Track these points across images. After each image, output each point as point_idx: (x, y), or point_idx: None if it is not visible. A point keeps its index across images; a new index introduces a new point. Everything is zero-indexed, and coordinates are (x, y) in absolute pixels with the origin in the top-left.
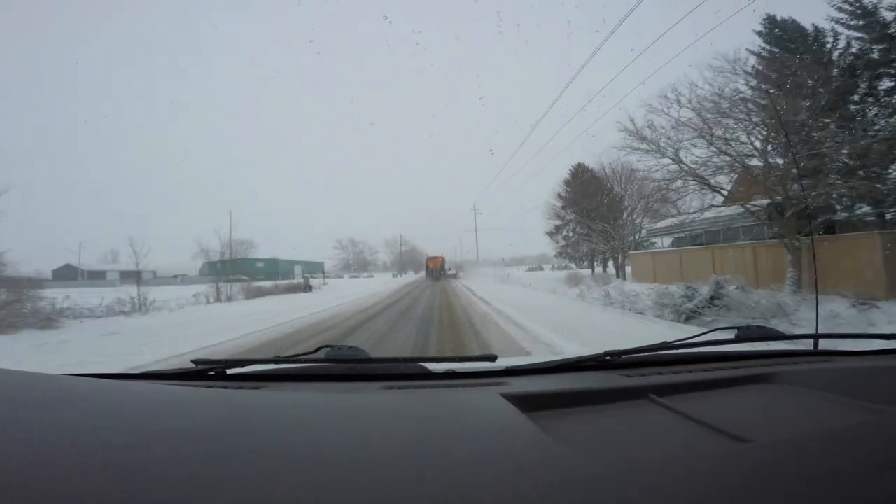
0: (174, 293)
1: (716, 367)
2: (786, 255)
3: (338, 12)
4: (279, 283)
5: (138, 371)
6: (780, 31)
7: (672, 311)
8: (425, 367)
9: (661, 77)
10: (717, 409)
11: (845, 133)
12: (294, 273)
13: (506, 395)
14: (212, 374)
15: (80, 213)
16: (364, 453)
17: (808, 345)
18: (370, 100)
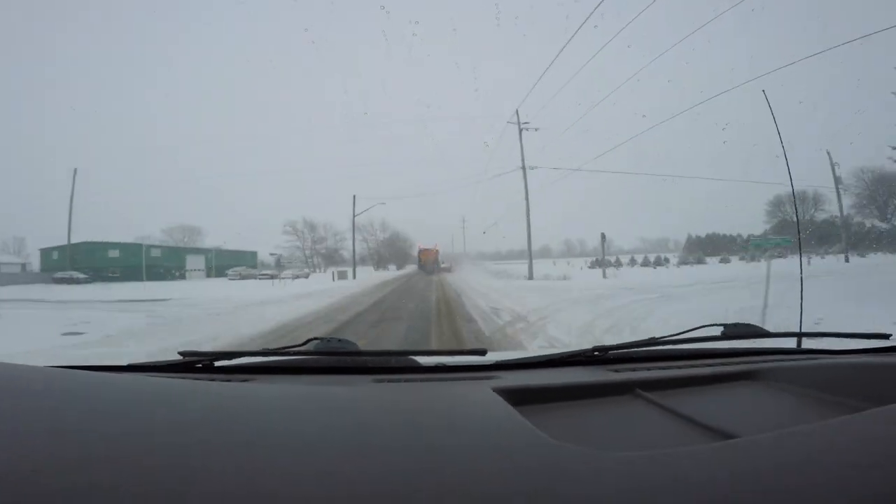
0: None
1: (702, 364)
2: None
3: (335, 1)
4: None
5: (125, 363)
6: None
7: None
8: (415, 361)
9: (655, 71)
10: (702, 405)
11: None
12: (186, 266)
13: (496, 389)
14: (199, 366)
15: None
16: (354, 446)
17: (793, 342)
18: (364, 90)
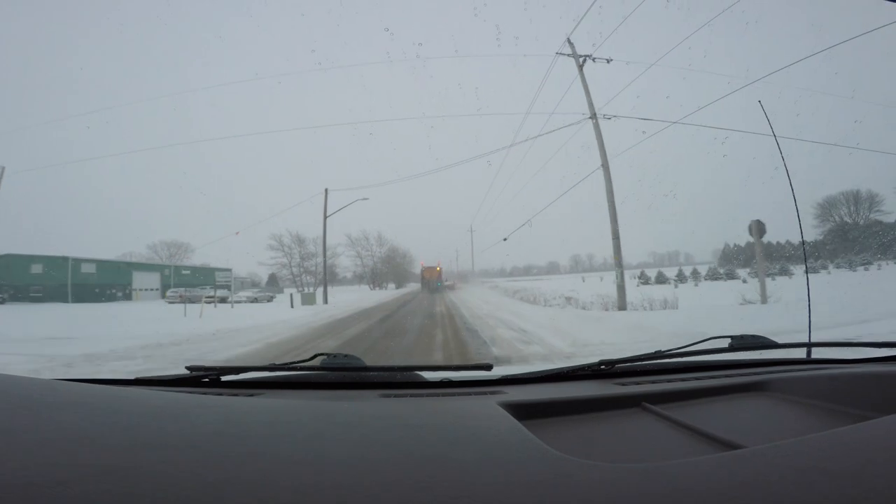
0: None
1: (709, 376)
2: None
3: (341, 25)
4: None
5: (132, 377)
6: None
7: None
8: (421, 376)
9: (652, 87)
10: (710, 417)
11: None
12: (132, 284)
13: (502, 404)
14: (206, 380)
15: None
16: (361, 462)
17: (802, 353)
18: (370, 110)
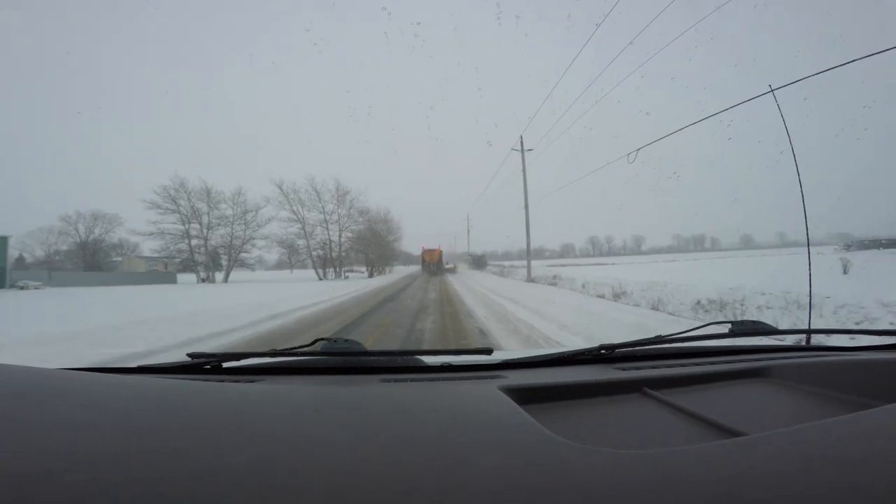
0: None
1: (709, 362)
2: None
3: (336, 3)
4: None
5: (134, 365)
6: None
7: None
8: (421, 361)
9: (658, 69)
10: (710, 403)
11: None
12: None
13: (502, 388)
14: (207, 367)
15: None
16: (362, 445)
17: (801, 339)
18: (367, 91)
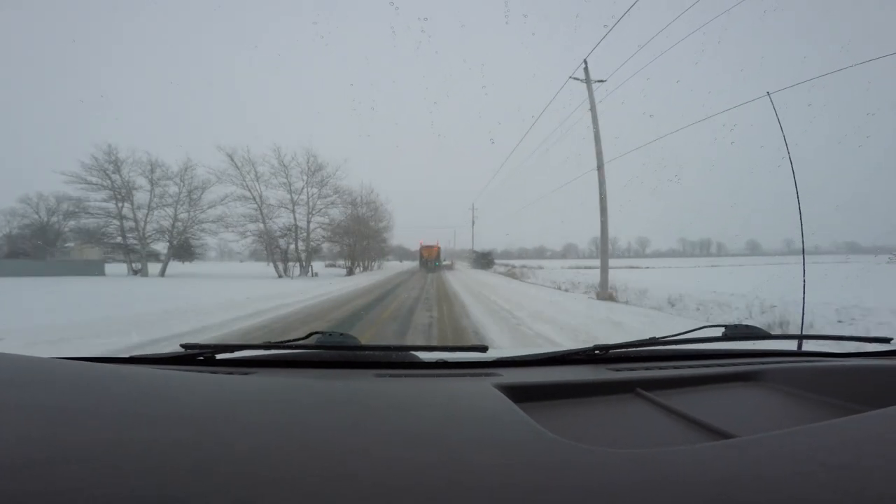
0: None
1: (702, 364)
2: None
3: None
4: None
5: (127, 355)
6: None
7: None
8: (416, 356)
9: (667, 69)
10: (702, 405)
11: None
12: None
13: (497, 386)
14: (201, 358)
15: None
16: (355, 439)
17: (793, 345)
18: (372, 85)
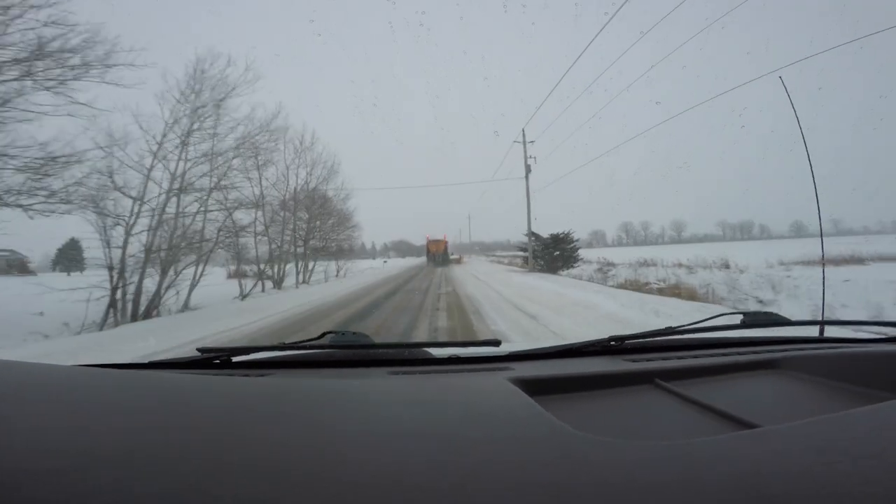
0: None
1: (721, 353)
2: None
3: None
4: None
5: (146, 360)
6: None
7: None
8: (429, 353)
9: (672, 60)
10: (723, 395)
11: None
12: None
13: (512, 380)
14: (217, 362)
15: None
16: (374, 438)
17: (814, 331)
18: (372, 82)
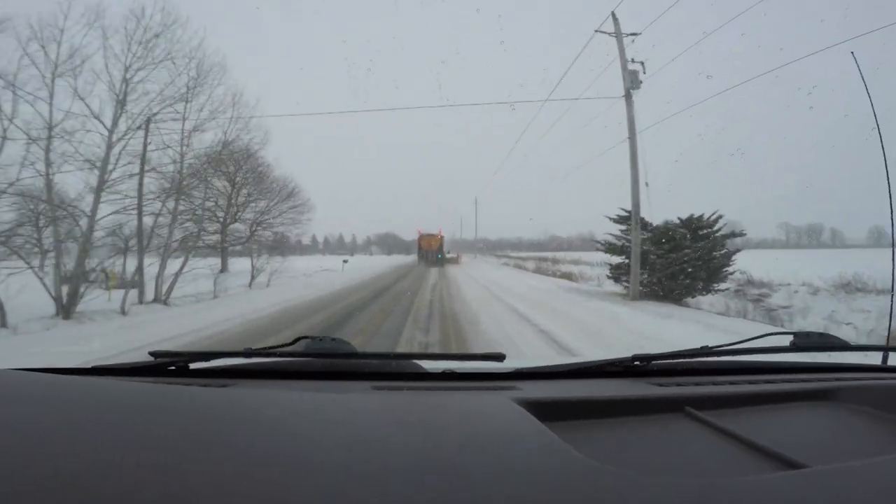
0: None
1: (765, 380)
2: None
3: None
4: None
5: (88, 366)
6: None
7: None
8: (420, 366)
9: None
10: (766, 428)
11: None
12: None
13: (518, 401)
14: (172, 368)
15: None
16: (352, 463)
17: (877, 359)
18: (367, 40)
